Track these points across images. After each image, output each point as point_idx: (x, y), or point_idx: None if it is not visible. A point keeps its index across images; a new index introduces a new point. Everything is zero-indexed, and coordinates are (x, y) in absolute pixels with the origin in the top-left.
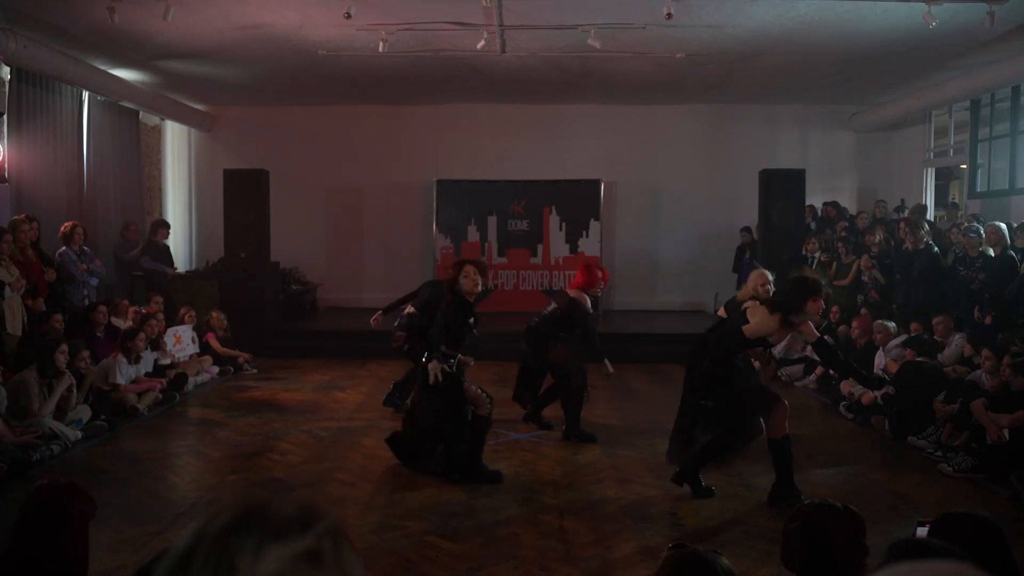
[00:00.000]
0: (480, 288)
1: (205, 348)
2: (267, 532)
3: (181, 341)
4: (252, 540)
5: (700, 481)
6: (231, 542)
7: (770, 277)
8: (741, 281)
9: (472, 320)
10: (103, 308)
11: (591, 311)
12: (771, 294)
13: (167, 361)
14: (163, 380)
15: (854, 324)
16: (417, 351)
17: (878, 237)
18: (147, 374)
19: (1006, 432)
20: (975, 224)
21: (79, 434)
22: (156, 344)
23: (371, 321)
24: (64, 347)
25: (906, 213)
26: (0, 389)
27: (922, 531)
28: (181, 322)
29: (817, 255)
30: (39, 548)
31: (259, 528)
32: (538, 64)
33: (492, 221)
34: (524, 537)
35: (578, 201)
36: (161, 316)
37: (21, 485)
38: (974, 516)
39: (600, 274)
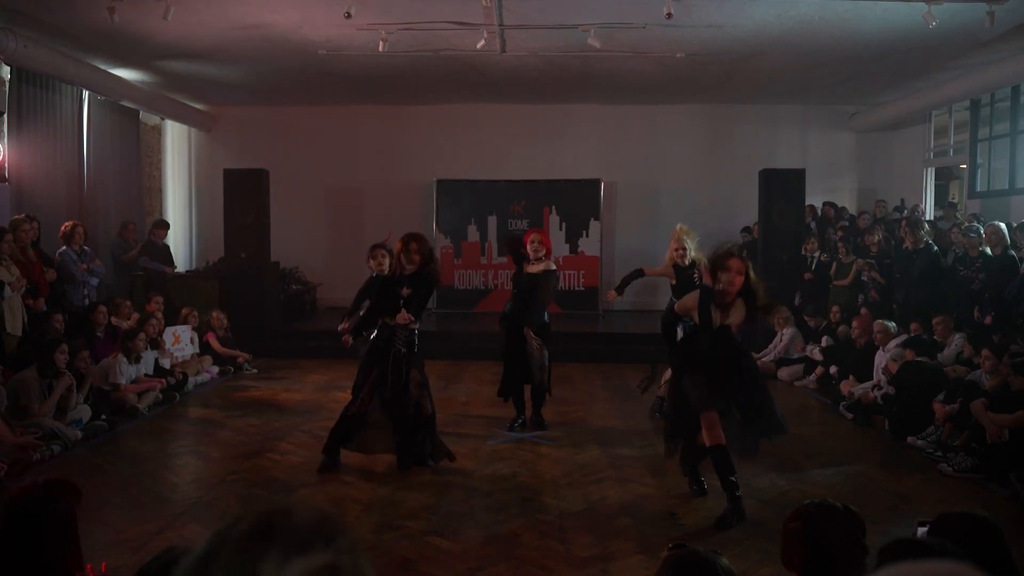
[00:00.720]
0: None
1: (205, 348)
2: (291, 544)
3: (180, 341)
4: (276, 550)
5: (699, 475)
6: (254, 549)
7: (687, 242)
8: None
9: (408, 292)
10: (103, 308)
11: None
12: (685, 259)
13: (167, 364)
14: (163, 380)
15: (854, 324)
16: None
17: (877, 237)
18: (147, 374)
19: (1006, 432)
20: (975, 224)
21: (79, 434)
22: (156, 344)
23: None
24: (64, 347)
25: (905, 213)
26: (0, 389)
27: (922, 531)
28: (183, 322)
29: (817, 255)
30: (20, 556)
31: (283, 539)
32: (538, 64)
33: (492, 221)
34: (524, 537)
35: (578, 201)
36: (160, 316)
37: None
38: (972, 516)
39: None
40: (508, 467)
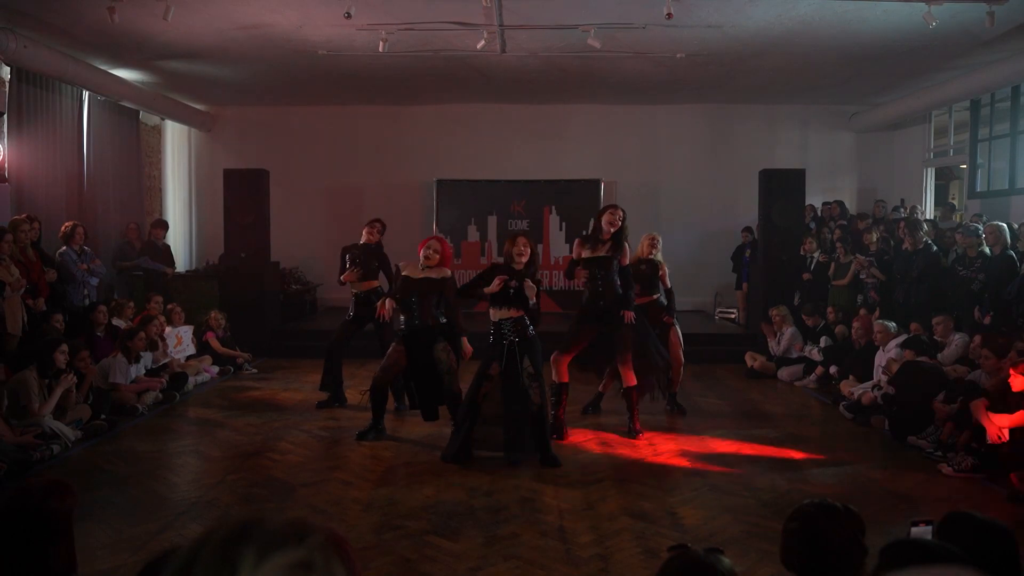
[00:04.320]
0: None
1: (205, 348)
2: (266, 543)
3: (182, 342)
4: (253, 549)
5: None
6: (233, 550)
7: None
8: (741, 281)
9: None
10: (103, 308)
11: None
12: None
13: (165, 360)
14: (163, 380)
15: (854, 324)
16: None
17: (875, 236)
18: (147, 373)
19: (1006, 432)
20: (974, 224)
21: (79, 434)
22: (155, 345)
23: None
24: (64, 347)
25: (904, 213)
26: (0, 389)
27: (916, 530)
28: (169, 319)
29: (816, 255)
30: (18, 557)
31: (258, 539)
32: (538, 64)
33: (492, 221)
34: (524, 537)
35: (578, 201)
36: (163, 318)
37: None
38: (985, 521)
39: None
40: (508, 467)
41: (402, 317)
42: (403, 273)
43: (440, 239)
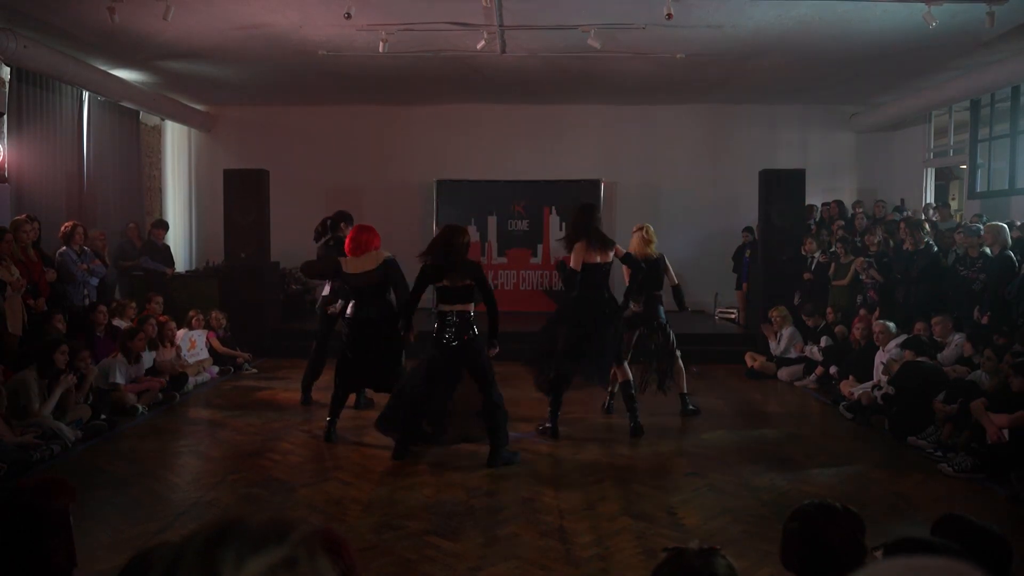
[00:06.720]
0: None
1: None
2: (246, 544)
3: (196, 345)
4: (232, 552)
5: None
6: (213, 555)
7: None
8: (741, 281)
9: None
10: (103, 308)
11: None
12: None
13: (178, 362)
14: (163, 380)
15: (854, 324)
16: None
17: (878, 237)
18: (147, 372)
19: (1006, 432)
20: (974, 225)
21: (79, 434)
22: (155, 345)
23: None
24: (64, 347)
25: (905, 214)
26: (0, 389)
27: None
28: (188, 324)
29: (816, 255)
30: (16, 556)
31: (237, 542)
32: (538, 64)
33: (492, 221)
34: (524, 537)
35: (578, 201)
36: (173, 324)
37: None
38: (981, 527)
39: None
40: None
41: (349, 308)
42: (343, 270)
43: (359, 227)
